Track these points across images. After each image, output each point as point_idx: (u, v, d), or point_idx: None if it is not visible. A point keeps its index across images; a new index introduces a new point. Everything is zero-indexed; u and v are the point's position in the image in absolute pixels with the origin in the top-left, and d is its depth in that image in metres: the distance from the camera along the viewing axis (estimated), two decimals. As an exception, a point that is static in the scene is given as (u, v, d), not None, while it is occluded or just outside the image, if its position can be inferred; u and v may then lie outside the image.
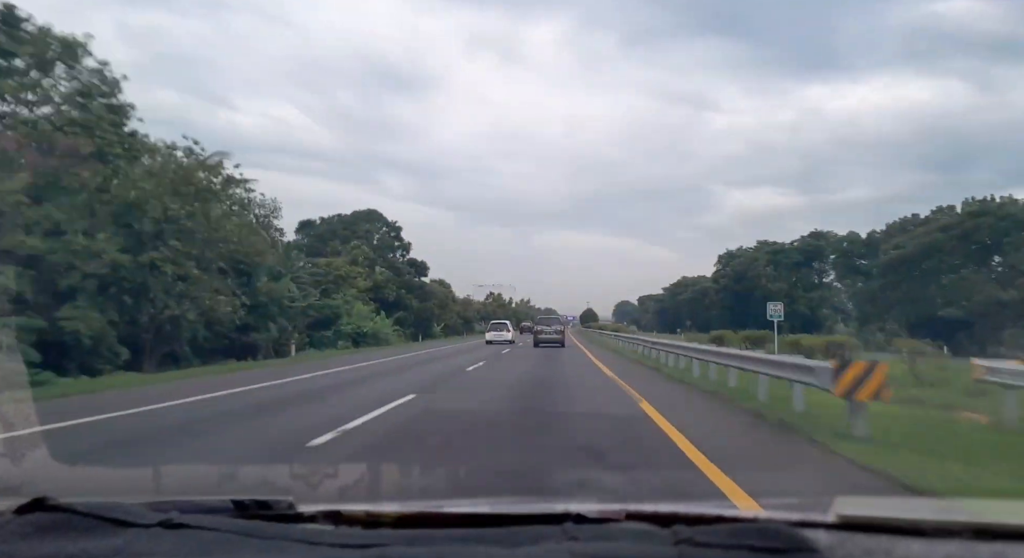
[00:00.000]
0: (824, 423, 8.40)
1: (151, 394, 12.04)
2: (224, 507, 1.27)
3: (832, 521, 1.19)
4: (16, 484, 3.01)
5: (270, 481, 3.47)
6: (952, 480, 5.51)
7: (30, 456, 4.23)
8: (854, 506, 1.33)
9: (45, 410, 8.78)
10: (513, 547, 1.03)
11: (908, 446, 7.22)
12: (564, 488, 4.21)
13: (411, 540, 1.11)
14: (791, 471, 6.34)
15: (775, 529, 1.07)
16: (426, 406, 10.62)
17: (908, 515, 1.30)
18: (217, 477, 3.84)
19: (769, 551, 1.00)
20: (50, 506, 1.13)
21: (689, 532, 1.06)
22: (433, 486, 4.10)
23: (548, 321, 40.92)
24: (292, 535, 1.10)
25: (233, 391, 12.71)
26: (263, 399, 11.71)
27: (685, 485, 5.21)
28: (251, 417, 9.69)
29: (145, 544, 1.05)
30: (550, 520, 1.18)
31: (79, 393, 12.69)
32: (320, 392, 12.97)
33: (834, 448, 6.99)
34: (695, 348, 18.17)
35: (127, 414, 9.70)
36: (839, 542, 1.10)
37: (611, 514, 1.21)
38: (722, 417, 10.15)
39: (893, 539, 1.13)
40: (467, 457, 6.59)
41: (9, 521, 1.10)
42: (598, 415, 9.86)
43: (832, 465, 6.40)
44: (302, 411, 10.27)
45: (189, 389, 13.07)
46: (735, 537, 1.04)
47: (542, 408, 10.61)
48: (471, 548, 1.05)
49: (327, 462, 5.98)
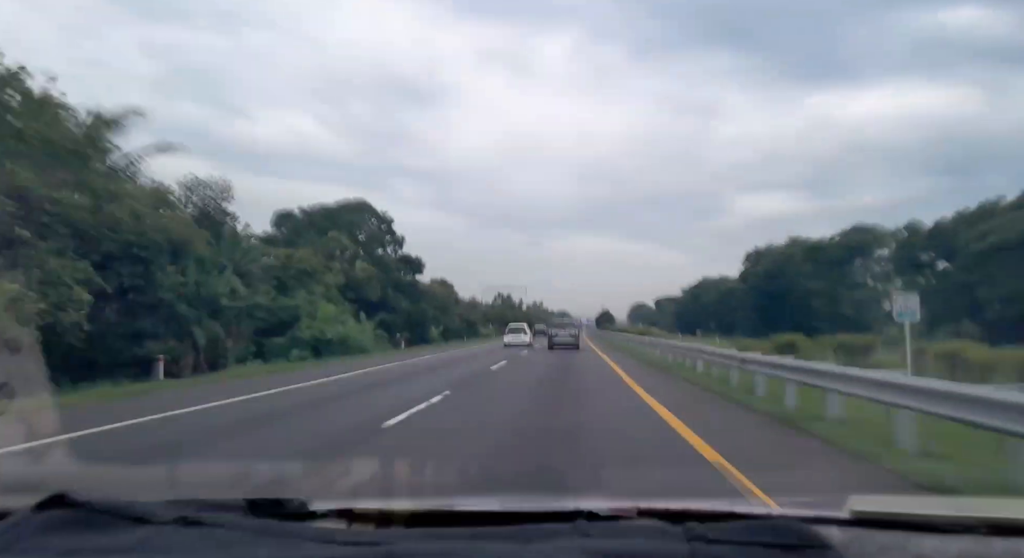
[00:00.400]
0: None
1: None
2: (239, 505, 1.28)
3: (846, 517, 1.19)
4: (35, 481, 2.99)
5: (283, 480, 3.49)
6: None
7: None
8: (868, 503, 1.32)
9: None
10: (525, 544, 1.03)
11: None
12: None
13: (423, 538, 1.12)
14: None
15: (789, 525, 1.06)
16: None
17: (922, 511, 1.30)
18: (231, 475, 3.87)
19: (783, 547, 1.00)
20: (69, 503, 1.14)
21: (702, 529, 1.05)
22: (445, 483, 4.12)
23: (563, 324, 40.84)
24: (305, 533, 1.12)
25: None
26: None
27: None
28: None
29: (161, 541, 1.06)
30: (562, 517, 1.18)
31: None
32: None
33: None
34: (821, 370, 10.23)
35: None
36: (853, 538, 1.10)
37: (623, 511, 1.21)
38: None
39: (907, 535, 1.12)
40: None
41: (28, 517, 1.11)
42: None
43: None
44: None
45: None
46: (748, 533, 1.03)
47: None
48: (483, 545, 1.05)
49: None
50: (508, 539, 1.07)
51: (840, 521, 1.18)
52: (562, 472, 6.15)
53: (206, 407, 12.19)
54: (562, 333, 37.48)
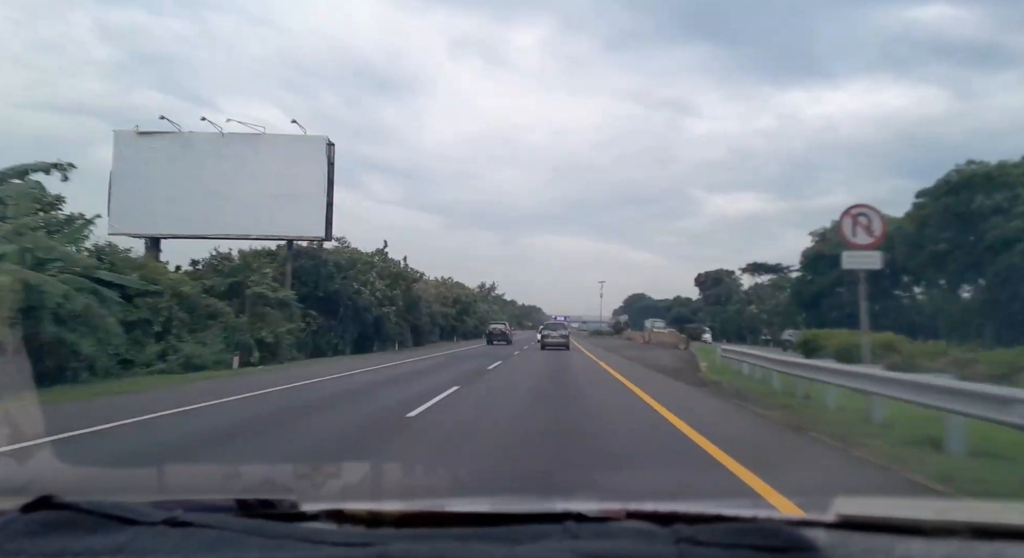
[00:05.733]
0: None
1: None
2: (228, 506, 1.29)
3: (832, 520, 1.20)
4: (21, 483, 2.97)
5: (274, 480, 3.46)
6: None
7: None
8: (854, 505, 1.33)
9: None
10: (514, 545, 1.04)
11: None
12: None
13: (413, 539, 1.12)
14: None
15: (775, 528, 1.08)
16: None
17: (908, 514, 1.31)
18: (221, 476, 3.85)
19: (769, 550, 1.01)
20: (55, 504, 1.14)
21: (690, 531, 1.06)
22: (436, 485, 4.11)
23: (554, 326, 43.82)
24: (295, 534, 1.11)
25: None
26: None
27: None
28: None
29: (149, 542, 1.06)
30: (551, 519, 1.18)
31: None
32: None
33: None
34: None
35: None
36: (839, 541, 1.11)
37: (612, 513, 1.22)
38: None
39: (893, 538, 1.13)
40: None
41: (15, 519, 1.11)
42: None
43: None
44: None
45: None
46: (735, 536, 1.04)
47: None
48: (472, 546, 1.05)
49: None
50: (498, 540, 1.07)
51: (826, 524, 1.18)
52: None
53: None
54: (553, 335, 40.06)
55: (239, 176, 31.91)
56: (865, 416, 10.21)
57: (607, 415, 11.54)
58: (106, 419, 10.08)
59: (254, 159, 32.36)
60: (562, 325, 45.60)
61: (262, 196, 31.57)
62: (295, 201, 31.78)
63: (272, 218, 31.52)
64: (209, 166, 32.07)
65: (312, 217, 32.28)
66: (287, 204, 31.62)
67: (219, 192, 31.52)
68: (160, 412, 11.10)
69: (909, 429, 9.02)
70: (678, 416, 10.57)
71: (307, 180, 32.26)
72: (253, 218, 31.49)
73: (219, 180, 31.73)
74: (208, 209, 31.17)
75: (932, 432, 8.23)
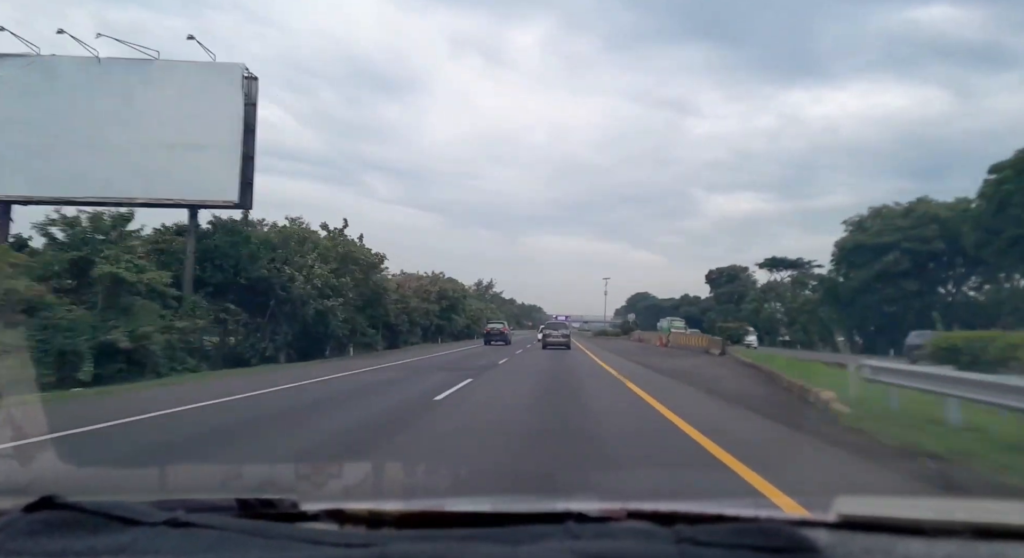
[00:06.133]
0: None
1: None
2: (229, 506, 1.28)
3: (833, 520, 1.20)
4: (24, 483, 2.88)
5: (274, 480, 3.47)
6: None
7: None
8: (854, 505, 1.34)
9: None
10: (515, 545, 1.05)
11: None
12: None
13: (414, 539, 1.13)
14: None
15: (776, 528, 1.09)
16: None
17: (908, 514, 1.32)
18: (222, 476, 3.82)
19: (770, 550, 1.02)
20: (58, 504, 1.14)
21: (691, 531, 1.07)
22: (436, 484, 4.08)
23: (556, 326, 44.69)
24: (296, 534, 1.12)
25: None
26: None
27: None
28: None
29: (151, 542, 1.06)
30: (552, 519, 1.19)
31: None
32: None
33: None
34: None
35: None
36: (840, 541, 1.11)
37: (613, 513, 1.22)
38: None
39: (893, 538, 1.14)
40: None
41: (18, 519, 1.11)
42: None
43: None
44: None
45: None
46: (736, 536, 1.05)
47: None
48: (473, 546, 1.06)
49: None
50: (498, 541, 1.08)
51: (827, 524, 1.19)
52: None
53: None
54: (554, 334, 40.79)
55: (121, 118, 23.33)
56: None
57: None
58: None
59: (143, 95, 23.73)
60: (563, 325, 46.25)
61: (153, 146, 23.10)
62: (199, 153, 23.33)
63: (168, 176, 22.99)
64: (80, 103, 23.37)
65: (222, 176, 23.45)
66: (188, 157, 23.20)
67: (93, 140, 23.05)
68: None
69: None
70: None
71: (216, 125, 23.62)
72: (141, 176, 22.97)
73: (93, 123, 23.22)
74: (78, 163, 22.71)
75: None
